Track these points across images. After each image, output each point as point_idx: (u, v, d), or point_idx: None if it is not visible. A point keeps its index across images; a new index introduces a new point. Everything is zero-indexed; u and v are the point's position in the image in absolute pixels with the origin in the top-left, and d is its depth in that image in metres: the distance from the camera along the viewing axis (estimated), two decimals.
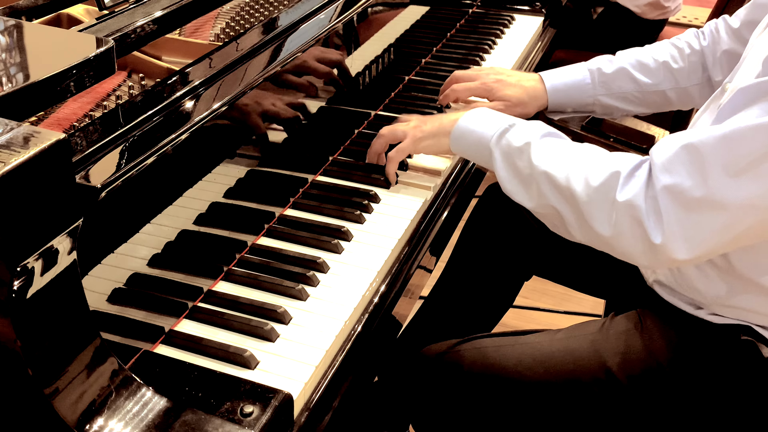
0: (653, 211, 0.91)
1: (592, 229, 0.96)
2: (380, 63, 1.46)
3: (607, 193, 0.94)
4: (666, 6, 2.53)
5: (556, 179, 0.99)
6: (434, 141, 1.18)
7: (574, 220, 0.98)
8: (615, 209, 0.93)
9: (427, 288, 1.55)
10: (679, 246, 0.90)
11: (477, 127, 1.12)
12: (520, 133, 1.06)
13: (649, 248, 0.92)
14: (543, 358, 1.13)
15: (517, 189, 1.05)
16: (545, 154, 1.02)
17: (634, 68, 1.40)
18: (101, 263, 0.82)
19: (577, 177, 0.97)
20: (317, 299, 0.98)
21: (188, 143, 0.93)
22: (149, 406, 0.75)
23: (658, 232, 0.90)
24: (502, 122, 1.09)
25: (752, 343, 1.02)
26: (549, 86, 1.42)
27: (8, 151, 0.62)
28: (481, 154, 1.10)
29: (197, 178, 0.97)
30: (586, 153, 1.01)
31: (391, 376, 1.24)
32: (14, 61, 0.78)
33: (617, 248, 0.96)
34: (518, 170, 1.04)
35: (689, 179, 0.89)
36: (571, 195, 0.97)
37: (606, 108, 1.45)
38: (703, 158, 0.88)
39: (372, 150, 1.25)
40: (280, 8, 1.22)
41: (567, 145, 1.04)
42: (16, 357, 0.66)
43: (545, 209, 1.02)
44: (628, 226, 0.93)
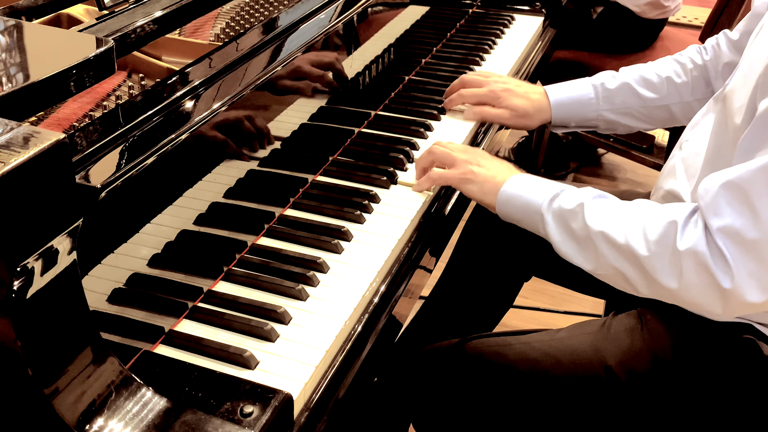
0: (718, 255, 0.89)
1: (659, 283, 0.94)
2: (380, 63, 1.46)
3: (667, 245, 0.93)
4: (666, 5, 2.53)
5: (614, 238, 0.98)
6: (480, 192, 1.15)
7: (639, 277, 0.97)
8: (679, 259, 0.91)
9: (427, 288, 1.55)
10: (750, 287, 0.88)
11: (525, 192, 1.10)
12: (572, 196, 1.05)
13: (720, 295, 0.90)
14: (543, 357, 1.13)
15: (573, 251, 1.04)
16: (599, 215, 1.01)
17: (638, 84, 1.40)
18: (101, 263, 0.82)
19: (635, 233, 0.96)
20: (317, 299, 0.98)
21: (188, 143, 0.93)
22: (149, 406, 0.75)
23: (726, 277, 0.89)
24: (552, 187, 1.09)
25: (753, 341, 1.02)
26: (553, 100, 1.42)
27: (8, 151, 0.62)
28: (531, 219, 1.09)
29: (197, 178, 0.97)
30: (639, 209, 1.00)
31: (391, 376, 1.24)
32: (14, 61, 0.78)
33: (687, 299, 0.94)
34: (573, 232, 1.03)
35: (739, 218, 0.88)
36: (631, 252, 0.96)
37: (610, 123, 1.44)
38: (746, 194, 0.87)
39: (418, 164, 1.24)
40: (280, 8, 1.22)
41: (619, 204, 1.03)
42: (16, 357, 0.66)
43: (606, 270, 1.01)
44: (695, 274, 0.91)
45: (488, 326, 1.59)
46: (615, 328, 1.13)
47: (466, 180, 1.16)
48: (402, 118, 1.44)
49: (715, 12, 2.20)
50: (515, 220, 1.13)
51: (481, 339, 1.20)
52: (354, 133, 1.38)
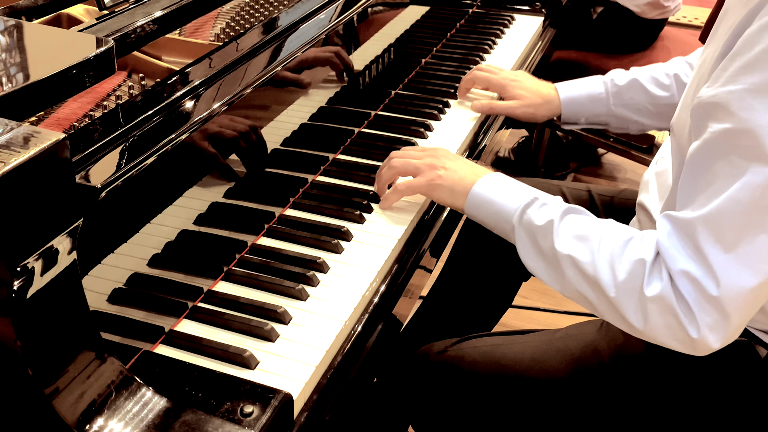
0: (683, 303, 0.87)
1: (625, 320, 0.92)
2: (380, 63, 1.46)
3: (634, 287, 0.90)
4: (666, 5, 2.53)
5: (581, 264, 0.94)
6: (450, 197, 1.11)
7: (605, 309, 0.94)
8: (645, 303, 0.89)
9: (427, 288, 1.55)
10: (713, 338, 0.87)
11: (496, 197, 1.06)
12: (542, 211, 1.01)
13: (687, 340, 0.88)
14: (542, 357, 1.13)
15: (540, 269, 1.01)
16: (568, 236, 0.97)
17: (647, 81, 1.40)
18: (101, 263, 0.82)
19: (603, 265, 0.93)
20: (317, 299, 0.98)
21: (188, 143, 0.93)
22: (149, 406, 0.75)
23: (692, 327, 0.87)
24: (523, 195, 1.04)
25: (749, 343, 1.02)
26: (563, 97, 1.43)
27: (8, 151, 0.62)
28: (502, 227, 1.06)
29: (197, 177, 0.97)
30: (609, 235, 0.95)
31: (391, 376, 1.24)
32: (14, 61, 0.78)
33: (653, 339, 0.92)
34: (541, 250, 0.99)
35: (697, 268, 0.85)
36: (598, 284, 0.93)
37: (620, 120, 1.44)
38: (697, 243, 0.85)
39: (380, 180, 1.18)
40: (280, 8, 1.22)
41: (589, 224, 0.98)
42: (16, 357, 0.66)
43: (572, 294, 0.98)
44: (662, 318, 0.89)
45: (487, 326, 1.59)
46: (613, 328, 1.13)
47: (434, 186, 1.12)
48: (402, 118, 1.44)
49: (715, 12, 2.20)
50: (484, 224, 1.10)
51: (480, 339, 1.20)
52: (354, 133, 1.38)
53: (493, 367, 1.14)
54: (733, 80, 0.84)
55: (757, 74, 0.82)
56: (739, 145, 0.83)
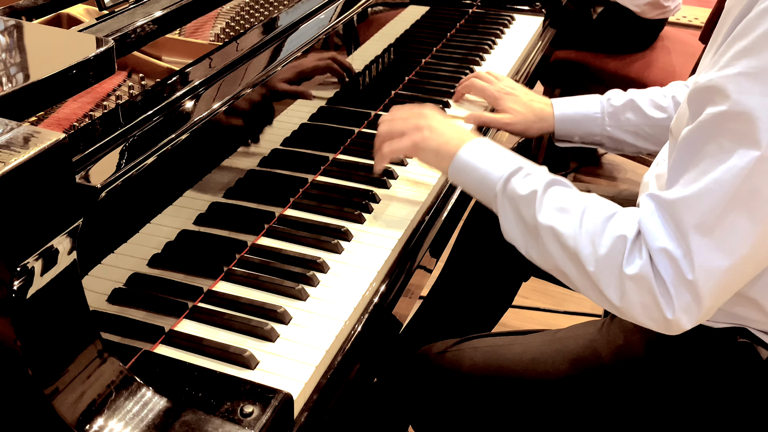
0: (661, 283, 0.87)
1: (602, 294, 0.92)
2: (380, 63, 1.46)
3: (614, 263, 0.90)
4: (666, 5, 2.53)
5: (562, 236, 0.94)
6: (435, 159, 1.11)
7: (582, 282, 0.94)
8: (623, 280, 0.89)
9: (427, 288, 1.55)
10: (686, 318, 0.88)
11: (481, 163, 1.05)
12: (526, 180, 1.01)
13: (661, 321, 0.89)
14: (542, 357, 1.13)
15: (520, 237, 1.00)
16: (551, 208, 0.97)
17: (644, 102, 1.38)
18: (101, 263, 0.82)
19: (584, 239, 0.93)
20: (317, 299, 0.98)
21: (188, 143, 0.93)
22: (149, 406, 0.75)
23: (669, 308, 0.87)
24: (508, 163, 1.03)
25: (750, 345, 1.02)
26: (558, 113, 1.41)
27: (8, 151, 0.62)
28: (484, 194, 1.05)
29: (197, 177, 0.97)
30: (591, 209, 0.95)
31: (391, 376, 1.24)
32: (14, 61, 0.78)
33: (627, 316, 0.93)
34: (522, 219, 0.99)
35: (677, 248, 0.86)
36: (577, 258, 0.93)
37: (615, 141, 1.42)
38: (679, 222, 0.86)
39: (376, 149, 1.19)
40: (280, 8, 1.22)
41: (572, 197, 0.98)
42: (16, 357, 0.66)
43: (549, 265, 0.98)
44: (638, 296, 0.89)
45: (487, 326, 1.59)
46: (613, 329, 1.13)
47: (419, 148, 1.12)
48: None
49: (715, 12, 2.20)
50: (466, 190, 1.09)
51: (480, 339, 1.20)
52: (354, 133, 1.38)
53: (493, 367, 1.14)
54: (730, 64, 0.84)
55: (754, 58, 0.82)
56: (731, 128, 0.83)
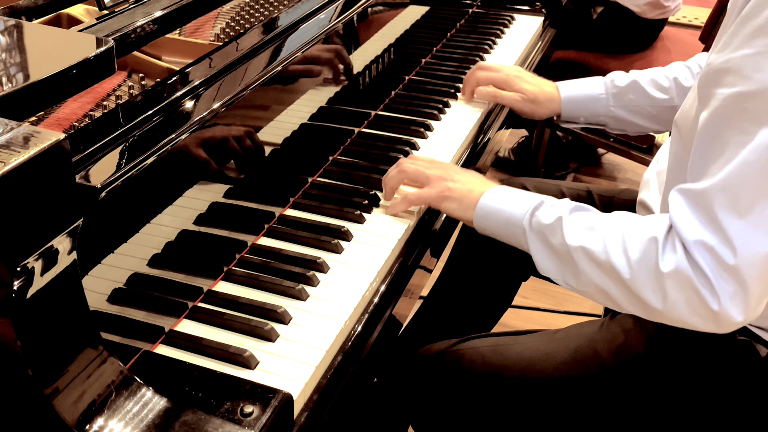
0: (700, 274, 0.86)
1: (644, 302, 0.91)
2: (380, 63, 1.46)
3: (649, 264, 0.89)
4: (666, 5, 2.53)
5: (594, 254, 0.94)
6: (459, 208, 1.12)
7: (624, 295, 0.94)
8: (662, 279, 0.88)
9: (427, 288, 1.55)
10: (734, 308, 0.86)
11: (505, 206, 1.06)
12: (550, 210, 1.02)
13: (709, 316, 0.87)
14: (542, 356, 1.13)
15: (555, 267, 1.01)
16: (577, 229, 0.97)
17: (647, 83, 1.41)
18: (101, 263, 0.82)
19: (616, 250, 0.93)
20: (317, 299, 0.98)
21: (188, 143, 0.93)
22: (149, 406, 0.75)
23: (713, 299, 0.86)
24: (531, 200, 1.05)
25: (749, 342, 1.02)
26: (564, 95, 1.45)
27: (8, 151, 0.62)
28: (512, 233, 1.05)
29: (197, 177, 0.97)
30: (618, 222, 0.96)
31: (391, 376, 1.24)
32: (14, 61, 0.78)
33: (674, 319, 0.91)
34: (553, 248, 1.00)
35: (712, 236, 0.85)
36: (612, 270, 0.93)
37: (619, 122, 1.45)
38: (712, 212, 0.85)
39: (388, 184, 1.18)
40: (280, 8, 1.22)
41: (597, 216, 0.99)
42: (16, 357, 0.66)
43: (588, 287, 0.97)
44: (681, 295, 0.88)
45: (487, 326, 1.59)
46: (613, 329, 1.13)
47: (444, 198, 1.12)
48: (402, 118, 1.44)
49: (715, 12, 2.20)
50: (494, 234, 1.09)
51: (480, 339, 1.20)
52: (354, 133, 1.38)
53: (492, 367, 1.14)
54: (745, 44, 0.84)
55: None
56: (750, 108, 0.83)
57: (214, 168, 1.00)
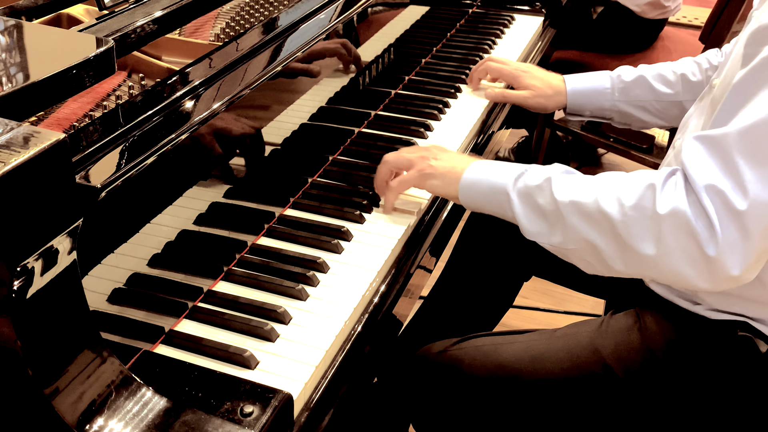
0: (701, 215, 0.85)
1: (634, 250, 0.90)
2: (380, 63, 1.46)
3: (645, 208, 0.88)
4: (666, 6, 2.53)
5: (585, 206, 0.93)
6: (443, 184, 1.11)
7: (612, 247, 0.92)
8: (658, 222, 0.87)
9: (427, 288, 1.55)
10: (733, 258, 0.84)
11: (488, 175, 1.06)
12: (537, 173, 1.02)
13: (703, 262, 0.86)
14: (542, 356, 1.13)
15: (540, 228, 1.00)
16: (568, 186, 0.97)
17: (654, 78, 1.43)
18: (101, 263, 0.82)
19: (608, 199, 0.92)
20: (317, 299, 0.98)
21: (188, 143, 0.93)
22: (149, 406, 0.75)
23: (711, 242, 0.84)
24: (515, 168, 1.05)
25: (749, 338, 1.02)
26: (570, 88, 1.47)
27: (8, 151, 0.62)
28: (497, 201, 1.04)
29: (197, 177, 0.97)
30: (610, 177, 0.96)
31: (391, 376, 1.24)
32: (14, 61, 0.78)
33: (666, 267, 0.89)
34: (540, 208, 0.99)
35: (725, 179, 0.84)
36: (605, 219, 0.91)
37: (624, 116, 1.47)
38: (730, 156, 0.84)
39: (377, 179, 1.18)
40: (280, 8, 1.22)
41: (588, 176, 0.99)
42: (16, 357, 0.66)
43: (577, 244, 0.96)
44: (675, 238, 0.86)
45: (488, 326, 1.59)
46: (612, 326, 1.13)
47: (426, 176, 1.12)
48: (402, 118, 1.44)
49: (715, 12, 2.20)
50: (479, 206, 1.09)
51: (481, 338, 1.20)
52: (354, 133, 1.38)
53: (493, 366, 1.14)
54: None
55: None
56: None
57: (214, 168, 1.00)
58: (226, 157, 1.03)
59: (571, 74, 1.50)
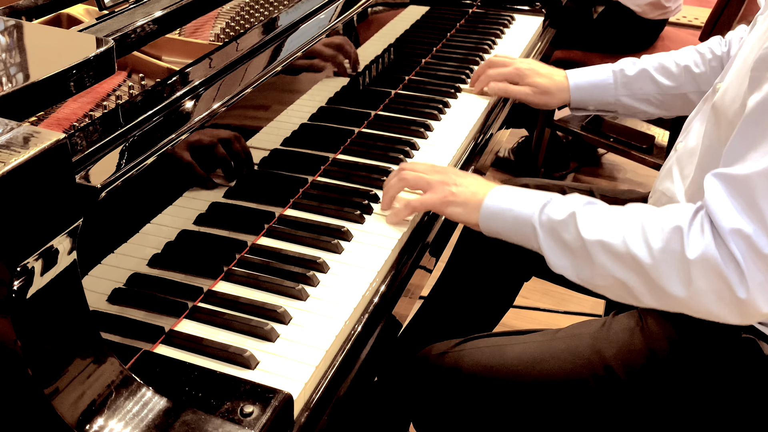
0: (730, 260, 0.85)
1: (665, 291, 0.90)
2: (380, 63, 1.46)
3: (674, 251, 0.88)
4: (667, 6, 2.53)
5: (613, 246, 0.92)
6: (464, 211, 1.09)
7: (643, 287, 0.92)
8: (688, 266, 0.87)
9: (427, 288, 1.55)
10: (765, 296, 0.85)
11: (512, 205, 1.04)
12: (561, 206, 1.00)
13: (734, 302, 0.86)
14: (543, 356, 1.13)
15: (568, 264, 0.99)
16: (593, 222, 0.95)
17: (656, 71, 1.43)
18: (101, 263, 0.82)
19: (636, 240, 0.91)
20: (317, 299, 0.98)
21: (188, 143, 0.93)
22: (149, 406, 0.75)
23: (741, 286, 0.85)
24: (538, 197, 1.03)
25: (753, 340, 1.02)
26: (572, 83, 1.48)
27: (8, 151, 0.62)
28: (523, 233, 1.03)
29: (197, 177, 0.97)
30: (635, 213, 0.94)
31: (391, 376, 1.24)
32: (14, 61, 0.78)
33: (698, 308, 0.90)
34: (566, 244, 0.98)
35: (750, 224, 0.84)
36: (634, 260, 0.91)
37: (628, 109, 1.48)
38: (754, 197, 0.84)
39: (389, 192, 1.15)
40: (280, 8, 1.22)
41: (612, 209, 0.97)
42: (16, 357, 0.66)
43: (606, 281, 0.96)
44: (706, 281, 0.87)
45: (488, 326, 1.59)
46: (615, 327, 1.13)
47: (448, 203, 1.10)
48: (402, 118, 1.44)
49: (715, 12, 2.20)
50: (501, 235, 1.07)
51: (481, 339, 1.20)
52: (354, 133, 1.38)
53: (494, 367, 1.14)
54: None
55: None
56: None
57: (215, 168, 1.00)
58: (227, 157, 1.03)
59: (574, 69, 1.51)
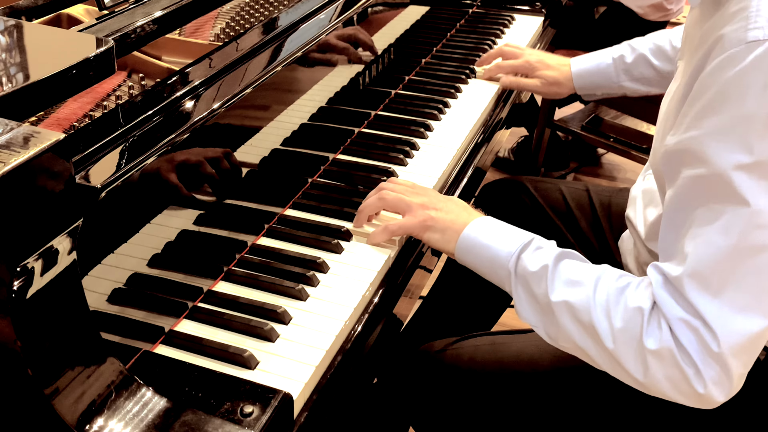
0: (685, 357, 0.84)
1: (624, 370, 0.89)
2: (380, 63, 1.46)
3: (633, 335, 0.87)
4: (669, 8, 2.54)
5: (577, 312, 0.91)
6: (442, 237, 1.05)
7: (601, 359, 0.91)
8: (645, 355, 0.86)
9: (428, 288, 1.55)
10: (721, 389, 0.85)
11: (490, 240, 1.01)
12: (536, 255, 0.97)
13: (693, 395, 0.86)
14: (542, 355, 1.13)
15: (536, 318, 0.97)
16: (562, 281, 0.93)
17: (653, 53, 1.48)
18: (101, 263, 0.82)
19: (599, 312, 0.89)
20: (317, 299, 0.98)
21: (189, 143, 0.93)
22: (149, 406, 0.75)
23: (698, 381, 0.85)
24: (517, 238, 1.00)
25: None
26: (574, 72, 1.54)
27: (8, 151, 0.62)
28: (497, 275, 1.00)
29: (197, 178, 0.97)
30: (604, 280, 0.92)
31: (391, 376, 1.24)
32: (14, 61, 0.78)
33: (654, 390, 0.90)
34: (536, 297, 0.95)
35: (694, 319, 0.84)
36: (594, 332, 0.90)
37: (632, 90, 1.54)
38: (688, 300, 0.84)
39: (367, 209, 1.11)
40: (280, 8, 1.22)
41: (584, 269, 0.95)
42: (16, 357, 0.66)
43: (568, 343, 0.95)
44: (664, 373, 0.86)
45: (486, 325, 1.59)
46: None
47: (427, 227, 1.06)
48: (402, 118, 1.44)
49: None
50: (476, 270, 1.04)
51: (480, 338, 1.20)
52: (354, 133, 1.39)
53: (493, 365, 1.14)
54: (695, 125, 0.84)
55: (714, 117, 0.82)
56: (712, 190, 0.83)
57: (214, 168, 1.00)
58: (226, 157, 1.03)
59: (576, 58, 1.56)
